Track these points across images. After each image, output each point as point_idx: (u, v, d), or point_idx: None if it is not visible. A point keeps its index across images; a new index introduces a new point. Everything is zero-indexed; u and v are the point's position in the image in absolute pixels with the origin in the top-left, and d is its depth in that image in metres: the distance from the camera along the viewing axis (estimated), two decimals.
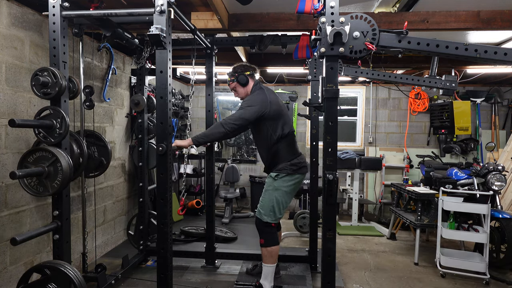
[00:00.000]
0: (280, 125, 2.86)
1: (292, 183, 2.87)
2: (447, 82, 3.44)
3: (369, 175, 6.00)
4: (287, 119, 2.94)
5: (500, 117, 6.02)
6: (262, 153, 3.01)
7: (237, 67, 3.04)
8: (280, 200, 2.84)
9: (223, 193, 5.50)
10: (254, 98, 2.87)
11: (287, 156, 2.86)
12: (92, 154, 2.93)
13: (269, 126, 2.85)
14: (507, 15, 2.92)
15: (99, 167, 2.97)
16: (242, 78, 2.96)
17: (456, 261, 3.41)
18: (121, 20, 2.81)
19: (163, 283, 2.25)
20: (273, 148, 2.87)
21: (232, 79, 3.02)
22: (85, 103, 2.96)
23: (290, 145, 2.91)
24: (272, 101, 2.85)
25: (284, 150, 2.87)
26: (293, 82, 6.26)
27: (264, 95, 2.86)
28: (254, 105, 2.80)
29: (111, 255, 3.85)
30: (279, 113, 2.87)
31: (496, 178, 3.66)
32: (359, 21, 1.81)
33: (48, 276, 2.07)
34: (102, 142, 2.96)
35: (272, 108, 2.82)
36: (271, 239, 2.82)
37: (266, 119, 2.83)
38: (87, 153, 2.64)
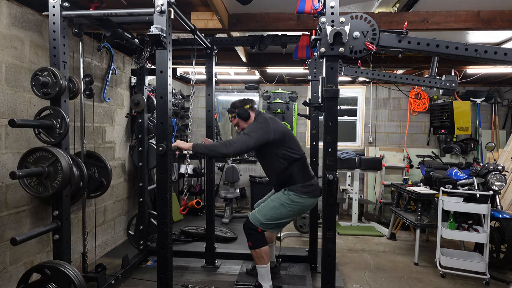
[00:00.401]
0: (289, 150, 2.83)
1: (301, 205, 2.81)
2: (447, 82, 3.44)
3: (369, 175, 6.00)
4: (294, 143, 2.91)
5: (500, 117, 6.02)
6: (272, 178, 2.97)
7: (235, 102, 3.04)
8: (281, 216, 2.80)
9: (223, 193, 5.50)
10: (257, 126, 2.85)
11: (300, 180, 2.82)
12: (93, 175, 2.95)
13: (277, 153, 2.82)
14: (507, 15, 2.92)
15: (99, 188, 2.99)
16: (243, 112, 2.96)
17: (456, 261, 3.41)
18: (121, 20, 2.81)
19: (163, 283, 2.25)
20: (285, 173, 2.83)
21: (233, 115, 3.02)
22: (84, 92, 2.96)
23: (303, 169, 2.87)
24: (276, 129, 2.82)
25: (297, 175, 2.82)
26: (293, 82, 6.26)
27: (267, 123, 2.84)
28: (257, 132, 2.78)
29: (111, 255, 3.85)
30: (284, 140, 2.83)
31: (496, 178, 3.66)
32: (359, 21, 1.81)
33: (48, 276, 2.07)
34: (102, 163, 2.97)
35: (276, 136, 2.79)
36: (258, 241, 2.80)
37: (271, 146, 2.81)
38: (87, 176, 2.67)
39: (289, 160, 2.83)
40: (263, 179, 5.98)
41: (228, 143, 2.72)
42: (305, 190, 2.79)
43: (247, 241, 2.85)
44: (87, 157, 2.95)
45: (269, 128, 2.80)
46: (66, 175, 2.11)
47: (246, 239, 2.86)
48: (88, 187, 2.88)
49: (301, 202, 2.79)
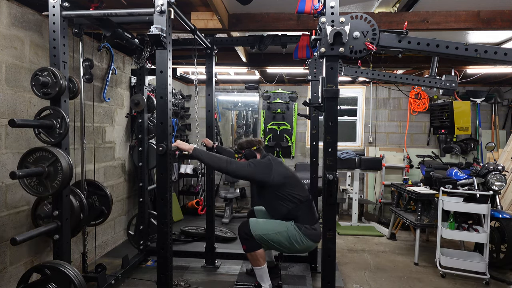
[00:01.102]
0: (293, 192, 2.82)
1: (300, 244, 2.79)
2: (447, 82, 3.44)
3: (369, 175, 6.00)
4: (298, 186, 2.90)
5: (500, 117, 6.02)
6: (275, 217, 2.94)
7: (242, 143, 3.05)
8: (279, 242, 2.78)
9: (223, 193, 5.50)
10: (261, 163, 2.85)
11: (305, 222, 2.81)
12: (93, 204, 2.95)
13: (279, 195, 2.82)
14: (507, 15, 2.92)
15: (100, 216, 2.99)
16: (250, 154, 2.98)
17: (456, 261, 3.41)
18: (121, 20, 2.81)
19: (163, 283, 2.25)
20: (291, 213, 2.82)
21: (240, 155, 3.04)
22: (84, 76, 2.94)
23: (308, 213, 2.87)
24: (277, 172, 2.82)
25: (303, 217, 2.82)
26: (293, 82, 6.26)
27: (269, 164, 2.84)
28: (258, 168, 2.78)
29: (111, 255, 3.85)
30: (286, 183, 2.83)
31: (496, 178, 3.66)
32: (359, 21, 1.81)
33: (48, 276, 2.07)
34: (102, 192, 2.97)
35: (276, 178, 2.79)
36: (253, 245, 2.80)
37: (273, 188, 2.81)
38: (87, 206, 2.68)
39: (295, 202, 2.82)
40: None
41: (231, 162, 2.70)
42: (308, 233, 2.79)
43: (241, 244, 2.85)
44: (87, 185, 2.94)
45: (270, 169, 2.80)
46: (66, 175, 2.11)
47: (241, 242, 2.86)
48: (89, 216, 2.86)
49: (302, 242, 2.78)
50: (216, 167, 2.71)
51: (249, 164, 2.79)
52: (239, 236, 2.87)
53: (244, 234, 2.82)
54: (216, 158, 2.69)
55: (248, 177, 2.80)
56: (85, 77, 2.95)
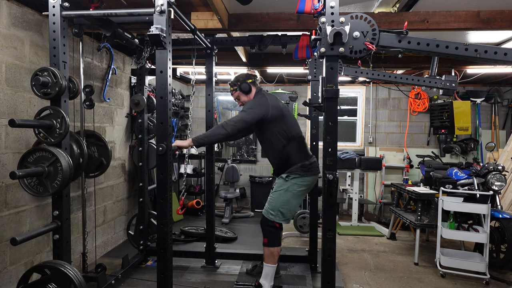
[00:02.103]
0: (286, 128, 2.86)
1: (304, 185, 2.85)
2: (447, 82, 3.44)
3: (369, 175, 6.00)
4: (292, 122, 2.93)
5: (500, 117, 6.02)
6: (272, 158, 2.99)
7: (238, 76, 3.06)
8: (290, 201, 2.82)
9: (223, 193, 5.50)
10: (255, 101, 2.89)
11: (298, 159, 2.84)
12: (93, 154, 2.92)
13: (274, 130, 2.84)
14: (507, 15, 2.92)
15: (99, 167, 2.97)
16: (245, 86, 2.98)
17: (456, 261, 3.41)
18: (121, 20, 2.81)
19: (163, 283, 2.25)
20: (284, 151, 2.86)
21: (234, 88, 3.03)
22: (85, 103, 2.96)
23: (301, 148, 2.90)
24: (274, 105, 2.85)
25: (296, 154, 2.85)
26: (293, 82, 6.26)
27: (265, 99, 2.87)
28: (254, 108, 2.81)
29: (111, 255, 3.85)
30: (282, 116, 2.86)
31: (496, 178, 3.66)
32: (359, 21, 1.81)
33: (48, 276, 2.07)
34: (102, 142, 2.96)
35: (274, 111, 2.82)
36: (275, 239, 2.82)
37: (270, 123, 2.83)
38: (87, 153, 2.64)
39: (287, 138, 2.85)
40: (263, 179, 5.99)
41: (225, 123, 2.73)
42: (304, 169, 2.82)
43: (263, 237, 2.86)
44: (87, 136, 2.93)
45: (267, 103, 2.83)
46: (66, 175, 2.11)
47: (262, 236, 2.86)
48: (88, 167, 2.84)
49: (304, 182, 2.83)
50: (221, 137, 2.75)
51: (244, 111, 2.80)
52: (262, 230, 2.88)
53: (266, 226, 2.83)
54: (212, 132, 2.75)
55: (249, 123, 2.78)
56: (86, 104, 2.95)
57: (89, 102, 2.97)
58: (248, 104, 2.90)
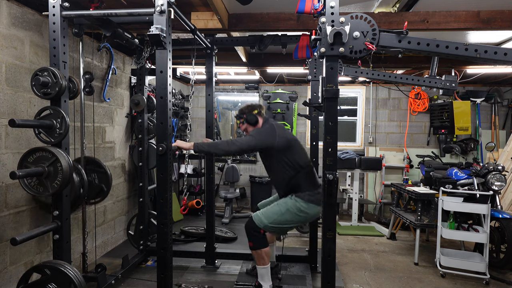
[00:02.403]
0: (294, 158, 2.83)
1: (305, 212, 2.79)
2: (447, 82, 3.44)
3: (369, 175, 6.00)
4: (300, 151, 2.90)
5: (500, 117, 6.02)
6: (278, 186, 2.96)
7: (243, 108, 3.03)
8: (287, 220, 2.78)
9: (223, 193, 5.50)
10: (263, 130, 2.87)
11: (307, 188, 2.81)
12: (93, 181, 2.94)
13: (282, 160, 2.82)
14: (507, 15, 2.92)
15: (99, 194, 2.98)
16: (251, 118, 2.97)
17: (456, 261, 3.41)
18: (121, 20, 2.81)
19: (163, 283, 2.25)
20: (292, 181, 2.83)
21: (241, 120, 3.03)
22: (84, 89, 2.94)
23: (309, 178, 2.87)
24: (281, 135, 2.82)
25: (304, 183, 2.82)
26: (293, 82, 6.26)
27: (272, 129, 2.85)
28: (261, 135, 2.80)
29: (111, 255, 3.85)
30: (289, 147, 2.83)
31: (496, 178, 3.66)
32: (359, 21, 1.81)
33: (48, 276, 2.07)
34: (102, 169, 2.96)
35: (280, 141, 2.79)
36: (259, 242, 2.80)
37: (276, 152, 2.81)
38: (87, 181, 2.67)
39: (296, 168, 2.82)
40: (263, 179, 5.99)
41: (231, 141, 2.75)
42: (312, 199, 2.78)
43: (248, 241, 2.84)
44: (87, 163, 2.94)
45: (274, 133, 2.80)
46: (66, 175, 2.11)
47: (248, 239, 2.85)
48: (88, 193, 2.86)
49: (307, 210, 2.78)
50: (221, 153, 2.74)
51: (250, 135, 2.80)
52: (246, 234, 2.86)
53: (251, 231, 2.81)
54: (217, 144, 2.73)
55: (253, 148, 2.79)
56: (85, 90, 2.95)
57: (89, 88, 2.96)
58: (255, 130, 2.88)
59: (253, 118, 2.96)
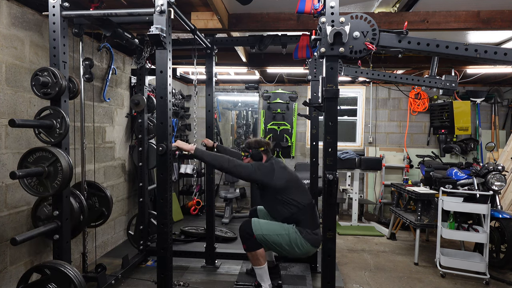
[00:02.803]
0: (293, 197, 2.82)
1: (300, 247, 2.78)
2: (447, 82, 3.44)
3: (369, 175, 6.00)
4: (300, 191, 2.89)
5: (500, 117, 6.02)
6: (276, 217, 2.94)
7: (251, 143, 3.02)
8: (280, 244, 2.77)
9: (223, 193, 5.50)
10: (264, 166, 2.85)
11: (307, 225, 2.81)
12: (93, 205, 2.94)
13: (280, 199, 2.82)
14: (507, 15, 2.92)
15: (100, 217, 2.98)
16: (257, 154, 2.97)
17: (456, 261, 3.41)
18: (121, 20, 2.81)
19: (163, 283, 2.25)
20: (293, 217, 2.82)
21: (246, 154, 3.03)
22: (84, 76, 2.93)
23: (311, 217, 2.86)
24: (279, 177, 2.81)
25: (305, 221, 2.82)
26: (293, 82, 6.26)
27: (272, 168, 2.84)
28: (260, 171, 2.79)
29: (111, 255, 3.85)
30: (287, 187, 2.82)
31: (496, 178, 3.66)
32: (359, 21, 1.81)
33: (48, 276, 2.07)
34: (103, 193, 2.96)
35: (278, 182, 2.79)
36: (253, 245, 2.80)
37: (275, 192, 2.82)
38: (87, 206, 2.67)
39: (298, 207, 2.82)
40: None
41: (232, 161, 2.71)
42: (309, 238, 2.78)
43: (242, 243, 2.85)
44: (87, 186, 2.93)
45: (272, 174, 2.80)
46: (66, 175, 2.11)
47: (241, 242, 2.86)
48: (89, 218, 2.85)
49: (302, 247, 2.78)
50: (218, 166, 2.72)
51: (251, 165, 2.80)
52: (240, 235, 2.86)
53: (245, 234, 2.82)
54: (217, 157, 2.71)
55: (249, 178, 2.81)
56: (85, 76, 2.93)
57: (88, 75, 2.95)
58: (259, 164, 2.86)
59: (258, 155, 2.97)
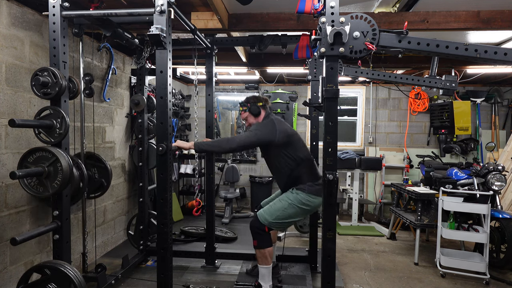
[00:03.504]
0: (294, 152, 2.84)
1: (307, 205, 2.80)
2: (447, 82, 3.44)
3: (369, 175, 6.00)
4: (300, 145, 2.91)
5: (500, 117, 6.02)
6: (279, 180, 2.97)
7: (250, 97, 3.04)
8: (290, 214, 2.79)
9: (223, 193, 5.50)
10: (262, 124, 2.88)
11: (308, 180, 2.82)
12: (93, 176, 2.94)
13: (283, 154, 2.83)
14: (507, 15, 2.92)
15: (99, 188, 2.98)
16: (255, 109, 2.97)
17: (456, 261, 3.41)
18: (121, 20, 2.81)
19: (163, 283, 2.25)
20: (293, 174, 2.84)
21: (244, 108, 3.03)
22: (84, 91, 2.95)
23: (310, 170, 2.88)
24: (281, 130, 2.82)
25: (305, 176, 2.83)
26: (293, 82, 6.26)
27: (272, 124, 2.85)
28: (261, 131, 2.81)
29: (111, 255, 3.85)
30: (289, 142, 2.84)
31: (496, 178, 3.66)
32: (359, 21, 1.81)
33: (48, 276, 2.07)
34: (102, 164, 2.96)
35: (280, 137, 2.80)
36: (264, 241, 2.80)
37: (277, 147, 2.82)
38: (87, 175, 2.66)
39: (297, 161, 2.83)
40: (263, 179, 5.99)
41: (231, 138, 2.76)
42: (313, 189, 2.79)
43: (252, 240, 2.84)
44: (87, 158, 2.94)
45: (274, 129, 2.81)
46: (66, 175, 2.11)
47: (252, 238, 2.85)
48: (88, 188, 2.87)
49: (309, 202, 2.79)
50: (221, 150, 2.77)
51: (250, 131, 2.81)
52: (251, 232, 2.86)
53: (256, 229, 2.82)
54: (217, 143, 2.77)
55: (254, 143, 2.81)
56: (85, 92, 2.95)
57: (88, 90, 2.97)
58: (255, 126, 2.90)
59: (256, 109, 2.97)
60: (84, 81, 2.93)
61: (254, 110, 2.97)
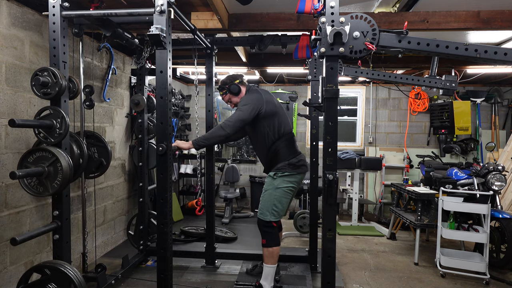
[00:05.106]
0: (278, 124, 2.88)
1: (292, 182, 2.87)
2: (447, 82, 3.44)
3: (369, 175, 6.00)
4: (284, 118, 2.95)
5: (500, 117, 6.02)
6: (260, 154, 3.01)
7: (224, 79, 3.07)
8: (281, 198, 2.84)
9: (223, 193, 5.50)
10: (249, 97, 2.91)
11: (286, 156, 2.86)
12: (92, 155, 2.92)
13: (266, 126, 2.86)
14: (507, 15, 2.92)
15: (99, 168, 2.97)
16: (234, 88, 2.99)
17: (456, 261, 3.41)
18: (121, 20, 2.81)
19: (163, 283, 2.25)
20: (272, 147, 2.87)
21: (224, 91, 3.06)
22: (85, 103, 2.96)
23: (289, 145, 2.92)
24: (268, 100, 2.87)
25: (284, 150, 2.87)
26: (293, 82, 6.26)
27: (258, 94, 2.89)
28: (250, 104, 2.82)
29: (111, 255, 3.85)
30: (275, 112, 2.88)
31: (496, 178, 3.66)
32: (359, 21, 1.81)
33: (48, 276, 2.07)
34: (102, 143, 2.95)
35: (268, 106, 2.84)
36: (273, 240, 2.82)
37: (263, 118, 2.85)
38: (87, 154, 2.64)
39: (277, 134, 2.86)
40: (263, 179, 5.98)
41: (224, 124, 2.76)
42: (292, 167, 2.84)
43: (261, 238, 2.87)
44: (87, 137, 2.92)
45: (261, 98, 2.85)
46: (66, 175, 2.11)
47: (261, 237, 2.87)
48: (88, 167, 2.84)
49: (290, 179, 2.84)
50: (219, 140, 2.80)
51: (240, 110, 2.81)
52: (260, 232, 2.88)
53: (263, 227, 2.85)
54: (212, 134, 2.78)
55: (247, 119, 2.80)
56: (86, 104, 2.95)
57: (89, 102, 2.97)
58: (242, 101, 2.90)
59: (235, 88, 2.99)
60: (84, 93, 2.92)
61: (234, 89, 2.99)
